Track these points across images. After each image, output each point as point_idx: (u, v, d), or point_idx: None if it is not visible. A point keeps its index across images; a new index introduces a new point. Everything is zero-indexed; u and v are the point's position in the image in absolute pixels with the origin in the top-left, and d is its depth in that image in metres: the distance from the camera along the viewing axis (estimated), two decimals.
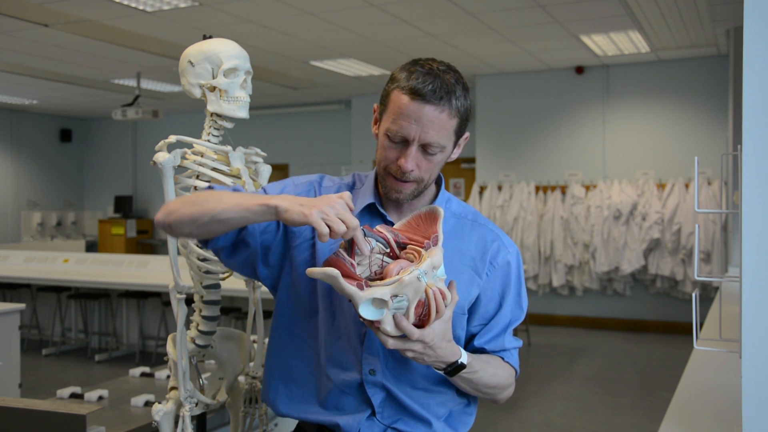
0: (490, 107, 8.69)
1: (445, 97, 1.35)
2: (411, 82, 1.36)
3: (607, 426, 4.62)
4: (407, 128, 1.36)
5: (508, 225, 8.32)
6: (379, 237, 1.30)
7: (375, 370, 1.44)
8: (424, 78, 1.36)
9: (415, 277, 1.18)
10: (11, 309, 4.09)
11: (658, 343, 7.31)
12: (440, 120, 1.36)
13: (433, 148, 1.38)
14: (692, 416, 1.82)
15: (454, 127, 1.40)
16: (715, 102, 7.61)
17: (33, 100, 10.60)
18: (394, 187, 1.43)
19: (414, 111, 1.35)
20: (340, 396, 1.45)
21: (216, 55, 1.80)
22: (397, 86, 1.39)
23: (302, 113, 10.92)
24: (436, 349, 1.30)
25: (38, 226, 11.68)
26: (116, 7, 5.62)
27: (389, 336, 1.24)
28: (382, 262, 1.30)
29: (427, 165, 1.41)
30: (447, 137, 1.40)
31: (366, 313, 1.20)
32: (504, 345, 1.52)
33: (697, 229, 1.50)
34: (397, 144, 1.39)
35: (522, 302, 1.54)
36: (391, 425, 1.46)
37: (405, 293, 1.20)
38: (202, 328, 1.94)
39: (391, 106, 1.39)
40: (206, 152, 1.84)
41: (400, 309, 1.22)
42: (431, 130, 1.36)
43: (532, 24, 6.32)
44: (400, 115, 1.36)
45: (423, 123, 1.35)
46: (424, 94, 1.34)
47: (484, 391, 1.48)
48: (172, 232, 1.40)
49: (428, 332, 1.26)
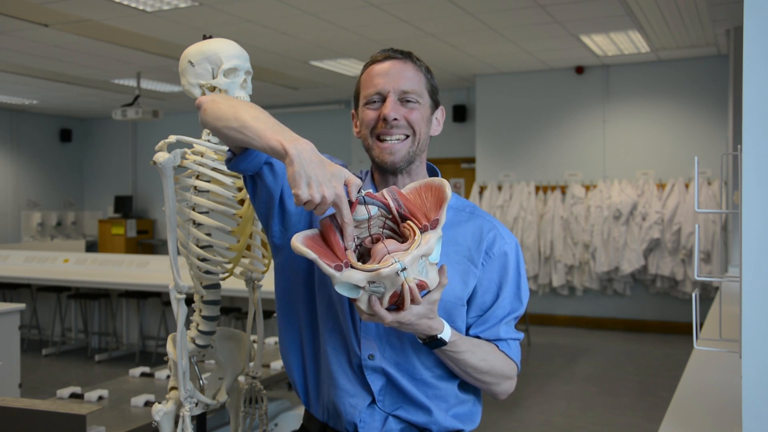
0: (490, 107, 8.70)
1: (405, 54, 1.48)
2: (374, 57, 1.49)
3: (607, 426, 4.62)
4: (381, 83, 1.44)
5: (508, 225, 8.32)
6: (381, 204, 1.29)
7: (373, 354, 1.44)
8: (384, 49, 1.50)
9: (394, 271, 1.18)
10: (11, 309, 4.09)
11: (658, 343, 7.31)
12: (407, 70, 1.46)
13: (410, 96, 1.45)
14: (692, 416, 1.82)
15: (423, 82, 1.48)
16: (715, 102, 7.61)
17: (33, 100, 10.59)
18: (385, 149, 1.44)
19: (383, 68, 1.46)
20: (341, 385, 1.45)
21: (216, 55, 1.80)
22: (363, 69, 1.51)
23: (302, 113, 10.93)
24: (414, 326, 1.30)
25: (38, 226, 11.68)
26: (116, 7, 5.62)
27: (363, 312, 1.25)
28: (384, 224, 1.30)
29: (409, 114, 1.45)
30: (419, 87, 1.47)
31: (342, 291, 1.22)
32: (499, 334, 1.50)
33: (697, 229, 1.50)
34: (376, 105, 1.45)
35: (522, 295, 1.52)
36: (392, 413, 1.45)
37: (382, 282, 1.20)
38: (202, 328, 1.94)
39: (363, 83, 1.49)
40: (206, 152, 1.84)
41: (377, 293, 1.22)
42: (401, 79, 1.44)
43: (532, 24, 6.32)
44: (371, 79, 1.46)
45: (392, 75, 1.44)
46: (386, 55, 1.47)
47: (475, 377, 1.46)
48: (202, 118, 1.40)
49: (404, 315, 1.26)
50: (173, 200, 1.80)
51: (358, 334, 1.44)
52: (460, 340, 1.41)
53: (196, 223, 1.84)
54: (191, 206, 1.83)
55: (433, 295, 1.29)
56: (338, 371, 1.46)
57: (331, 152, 5.93)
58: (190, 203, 1.82)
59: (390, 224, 1.30)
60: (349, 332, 1.44)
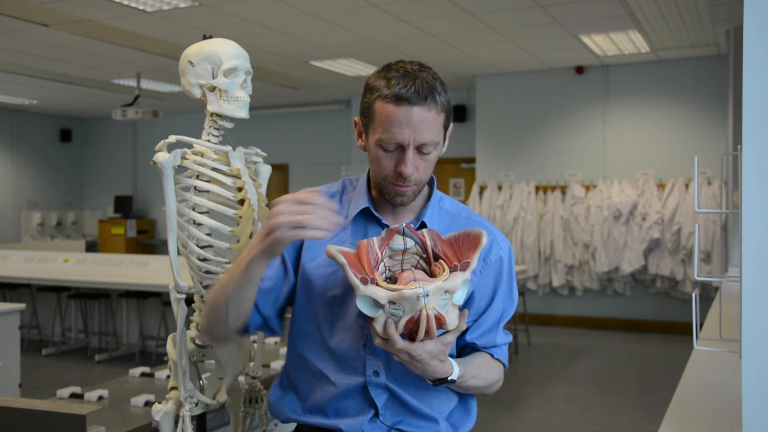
0: (490, 107, 8.70)
1: (429, 95, 1.37)
2: (393, 90, 1.36)
3: (607, 426, 4.62)
4: (400, 134, 1.37)
5: (508, 225, 8.32)
6: (418, 239, 1.32)
7: (378, 371, 1.45)
8: (404, 82, 1.36)
9: (415, 295, 1.20)
10: (11, 309, 4.09)
11: (658, 343, 7.31)
12: (430, 118, 1.38)
13: (427, 147, 1.40)
14: (692, 416, 1.82)
15: (442, 122, 1.42)
16: (715, 102, 7.61)
17: (33, 100, 10.59)
18: (397, 193, 1.45)
19: (403, 116, 1.36)
20: (343, 400, 1.47)
21: (216, 55, 1.80)
22: (378, 96, 1.38)
23: (302, 113, 10.93)
24: (424, 364, 1.31)
25: (38, 226, 11.68)
26: (116, 7, 5.62)
27: (377, 335, 1.27)
28: (417, 263, 1.33)
29: (425, 165, 1.43)
30: (438, 133, 1.42)
31: (362, 306, 1.24)
32: (495, 341, 1.53)
33: (697, 229, 1.50)
34: (392, 152, 1.40)
35: (513, 295, 1.55)
36: (394, 426, 1.46)
37: (402, 305, 1.22)
38: None
39: (377, 116, 1.39)
40: (206, 152, 1.84)
41: (395, 316, 1.24)
42: (423, 131, 1.37)
43: (532, 24, 6.32)
44: (390, 124, 1.37)
45: (414, 126, 1.36)
46: (408, 98, 1.35)
47: (471, 391, 1.52)
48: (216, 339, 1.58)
49: (415, 347, 1.27)
50: (173, 200, 1.79)
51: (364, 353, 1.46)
52: (465, 370, 1.42)
53: (196, 223, 1.84)
54: (191, 206, 1.83)
55: (448, 336, 1.30)
56: (343, 389, 1.48)
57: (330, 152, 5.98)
58: (190, 203, 1.82)
59: (423, 265, 1.33)
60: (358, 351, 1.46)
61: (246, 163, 1.90)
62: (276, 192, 10.60)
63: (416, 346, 1.26)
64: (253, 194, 1.85)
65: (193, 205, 1.82)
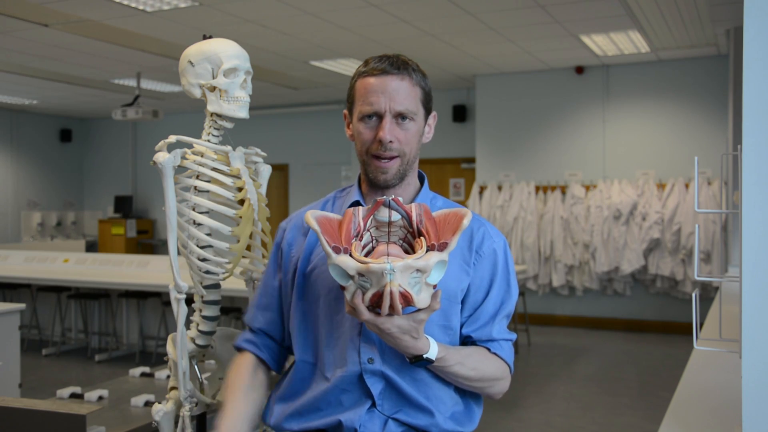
0: (490, 107, 8.70)
1: (402, 66, 1.49)
2: (369, 66, 1.51)
3: (607, 426, 4.62)
4: (377, 102, 1.48)
5: (508, 225, 8.32)
6: (405, 213, 1.32)
7: (373, 358, 1.45)
8: (380, 58, 1.51)
9: (381, 270, 1.21)
10: (11, 309, 4.10)
11: (658, 343, 7.31)
12: (404, 87, 1.48)
13: (406, 116, 1.48)
14: (692, 416, 1.82)
15: (419, 96, 1.51)
16: (715, 102, 7.61)
17: (33, 100, 10.59)
18: (379, 168, 1.50)
19: (379, 85, 1.48)
20: (339, 394, 1.47)
21: (216, 55, 1.80)
22: (357, 76, 1.53)
23: (302, 113, 10.92)
24: (395, 338, 1.32)
25: (38, 226, 11.68)
26: (116, 7, 5.62)
27: (347, 303, 1.28)
28: (406, 237, 1.33)
29: (404, 135, 1.49)
30: (415, 104, 1.50)
31: (334, 274, 1.26)
32: (491, 335, 1.52)
33: (697, 229, 1.50)
34: (372, 122, 1.49)
35: (511, 290, 1.55)
36: (392, 416, 1.46)
37: (369, 278, 1.23)
38: (202, 328, 1.94)
39: (357, 93, 1.52)
40: (206, 152, 1.84)
41: (363, 287, 1.25)
42: (398, 97, 1.48)
43: (532, 24, 6.32)
44: (367, 94, 1.49)
45: (389, 93, 1.47)
46: (383, 68, 1.49)
47: (466, 384, 1.49)
48: None
49: (383, 320, 1.28)
50: (173, 200, 1.80)
51: (358, 340, 1.46)
52: (449, 354, 1.42)
53: (196, 223, 1.84)
54: (191, 206, 1.83)
55: (420, 315, 1.31)
56: (338, 383, 1.48)
57: (330, 152, 5.99)
58: (190, 203, 1.82)
59: (410, 239, 1.33)
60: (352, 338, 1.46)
61: (246, 163, 1.91)
62: (276, 192, 10.60)
63: (384, 319, 1.28)
64: (253, 194, 1.85)
65: (193, 205, 1.83)
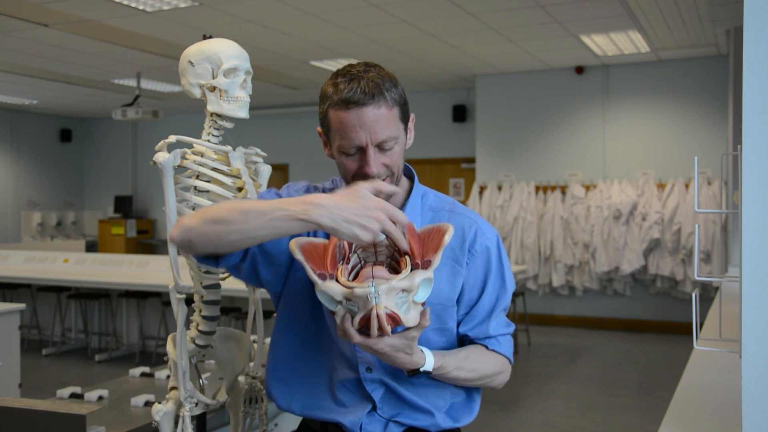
0: (490, 107, 8.70)
1: (376, 92, 1.38)
2: (340, 95, 1.38)
3: (607, 426, 4.62)
4: (356, 137, 1.38)
5: (508, 225, 8.32)
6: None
7: (371, 367, 1.46)
8: (350, 85, 1.38)
9: (365, 294, 1.20)
10: (11, 309, 4.09)
11: (658, 343, 7.31)
12: (382, 115, 1.38)
13: (388, 144, 1.41)
14: (692, 416, 1.82)
15: (397, 116, 1.42)
16: (715, 102, 7.61)
17: (33, 100, 10.59)
18: None
19: (355, 119, 1.37)
20: (343, 392, 1.48)
21: (216, 55, 1.80)
22: (329, 104, 1.41)
23: (302, 113, 10.92)
24: (389, 357, 1.31)
25: (38, 226, 11.68)
26: (116, 7, 5.62)
27: (338, 328, 1.27)
28: (393, 255, 1.32)
29: (390, 158, 1.43)
30: (395, 128, 1.42)
31: (323, 300, 1.26)
32: (488, 332, 1.51)
33: (697, 229, 1.50)
34: (354, 154, 1.42)
35: (506, 284, 1.54)
36: (393, 419, 1.48)
37: (356, 302, 1.22)
38: (202, 328, 1.94)
39: (333, 125, 1.42)
40: (206, 152, 1.84)
41: (351, 311, 1.25)
42: (378, 129, 1.38)
43: (532, 24, 6.32)
44: (345, 129, 1.39)
45: (368, 126, 1.38)
46: (356, 100, 1.37)
47: (467, 385, 1.49)
48: (192, 250, 1.40)
49: (375, 342, 1.27)
50: (173, 200, 1.80)
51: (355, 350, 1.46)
52: (446, 361, 1.42)
53: None
54: (191, 206, 1.83)
55: (412, 332, 1.30)
56: (341, 381, 1.49)
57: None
58: (190, 203, 1.82)
59: (397, 257, 1.32)
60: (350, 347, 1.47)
61: (246, 163, 1.90)
62: None
63: (375, 340, 1.26)
64: (253, 194, 1.85)
65: (193, 205, 1.82)
